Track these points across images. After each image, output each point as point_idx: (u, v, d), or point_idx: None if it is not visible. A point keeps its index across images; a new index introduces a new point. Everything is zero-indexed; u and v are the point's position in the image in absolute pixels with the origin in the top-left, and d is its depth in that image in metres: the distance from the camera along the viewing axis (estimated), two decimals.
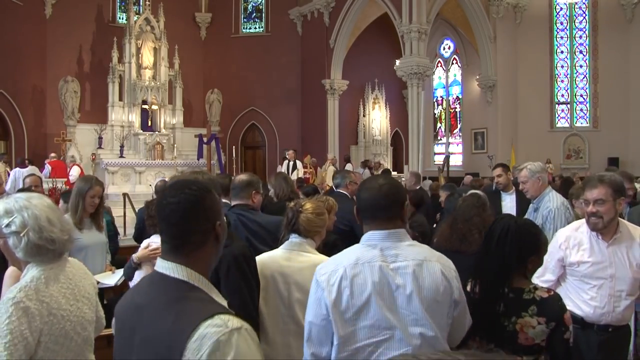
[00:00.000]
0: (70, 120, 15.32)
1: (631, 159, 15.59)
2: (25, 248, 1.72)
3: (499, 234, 2.02)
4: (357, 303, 1.70)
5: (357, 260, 1.74)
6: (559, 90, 17.50)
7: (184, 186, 1.37)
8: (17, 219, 1.72)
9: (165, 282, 1.32)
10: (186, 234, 1.34)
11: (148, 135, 15.03)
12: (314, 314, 1.75)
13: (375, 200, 1.80)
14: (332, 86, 16.85)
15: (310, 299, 1.79)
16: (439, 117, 19.76)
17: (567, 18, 17.37)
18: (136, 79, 15.00)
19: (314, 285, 1.78)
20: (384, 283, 1.71)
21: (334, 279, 1.73)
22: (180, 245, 1.34)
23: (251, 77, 17.62)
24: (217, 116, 17.88)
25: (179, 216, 1.33)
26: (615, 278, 2.58)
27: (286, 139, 17.26)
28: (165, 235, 1.36)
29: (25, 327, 1.60)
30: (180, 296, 1.28)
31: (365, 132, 17.61)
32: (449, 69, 19.33)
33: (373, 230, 1.79)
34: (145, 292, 1.35)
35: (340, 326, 1.69)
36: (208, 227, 1.36)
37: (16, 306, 1.60)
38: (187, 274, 1.32)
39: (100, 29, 16.05)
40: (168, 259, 1.34)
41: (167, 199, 1.35)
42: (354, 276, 1.71)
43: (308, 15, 17.42)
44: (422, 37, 13.95)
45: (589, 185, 2.63)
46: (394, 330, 1.69)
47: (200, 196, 1.36)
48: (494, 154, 16.26)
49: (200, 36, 18.11)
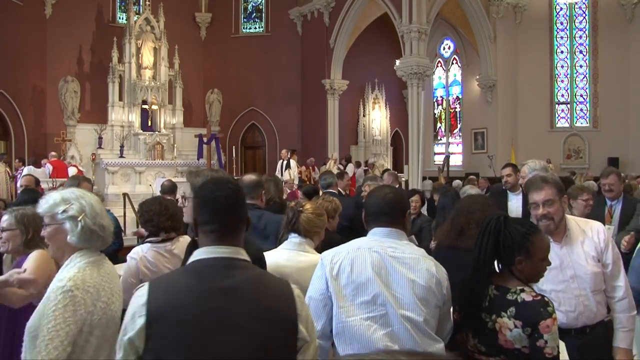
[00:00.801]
0: (70, 120, 15.31)
1: (631, 159, 15.59)
2: (80, 232, 1.87)
3: (484, 227, 2.00)
4: (357, 280, 1.90)
5: (359, 246, 1.98)
6: (559, 90, 17.50)
7: (226, 182, 1.57)
8: (74, 205, 1.89)
9: (237, 263, 1.48)
10: (237, 221, 1.54)
11: (148, 135, 15.03)
12: (314, 289, 1.97)
13: (379, 206, 2.03)
14: (332, 86, 16.85)
15: (312, 277, 2.01)
16: (439, 117, 19.76)
17: (567, 18, 17.37)
18: (136, 79, 14.99)
19: (318, 265, 2.01)
20: (382, 266, 1.91)
21: (337, 259, 1.96)
22: (232, 231, 1.51)
23: (251, 77, 17.62)
24: (217, 116, 17.88)
25: (231, 207, 1.52)
26: (577, 277, 2.51)
27: (286, 139, 17.25)
28: (217, 224, 1.49)
29: (70, 314, 1.71)
30: (260, 272, 1.56)
31: (365, 132, 17.61)
32: (449, 69, 19.33)
33: (379, 226, 2.02)
34: (223, 276, 1.43)
35: (339, 298, 1.90)
36: (246, 216, 1.57)
37: (65, 294, 1.72)
38: (245, 255, 1.52)
39: (100, 29, 16.04)
40: (223, 244, 1.48)
41: (216, 192, 1.51)
42: (355, 257, 1.94)
43: (308, 15, 17.42)
44: (422, 37, 13.95)
45: (534, 187, 2.55)
46: (388, 307, 1.87)
47: (239, 190, 1.58)
48: (494, 154, 16.26)
49: (200, 36, 18.11)
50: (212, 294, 1.39)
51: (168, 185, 5.72)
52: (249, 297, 1.42)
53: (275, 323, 1.43)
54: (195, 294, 1.39)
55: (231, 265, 1.46)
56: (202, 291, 1.39)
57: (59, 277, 1.82)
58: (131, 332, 1.35)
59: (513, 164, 5.46)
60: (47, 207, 1.90)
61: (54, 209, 1.89)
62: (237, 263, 1.48)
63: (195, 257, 1.47)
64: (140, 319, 1.35)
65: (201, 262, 1.45)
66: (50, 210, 1.89)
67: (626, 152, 15.92)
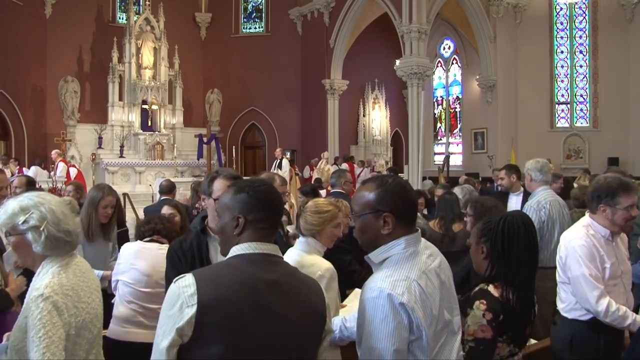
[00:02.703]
0: (70, 120, 15.32)
1: (631, 159, 15.58)
2: (45, 241, 1.80)
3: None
4: (435, 312, 1.62)
5: (419, 271, 1.64)
6: (559, 90, 17.49)
7: (267, 183, 1.69)
8: (34, 214, 1.80)
9: (277, 259, 1.59)
10: (280, 223, 1.69)
11: (148, 135, 15.05)
12: (399, 340, 1.55)
13: (415, 203, 1.78)
14: (332, 86, 16.85)
15: (383, 324, 1.56)
16: (439, 117, 19.75)
17: (567, 18, 17.35)
18: (136, 79, 15.01)
19: (389, 308, 1.56)
20: (440, 285, 1.68)
21: (415, 296, 1.58)
22: (275, 231, 1.64)
23: (251, 77, 17.62)
24: (217, 116, 17.89)
25: (281, 209, 1.65)
26: (624, 273, 2.64)
27: (286, 139, 17.26)
28: (271, 223, 1.60)
29: (57, 319, 1.68)
30: (293, 268, 1.66)
31: (365, 132, 17.61)
32: (449, 69, 19.32)
33: (407, 234, 1.69)
34: (265, 270, 1.52)
35: (431, 341, 1.60)
36: None
37: (45, 302, 1.69)
38: (280, 253, 1.63)
39: (100, 29, 16.05)
40: (268, 241, 1.58)
41: (273, 194, 1.63)
42: (425, 287, 1.61)
43: (308, 15, 17.42)
44: (422, 37, 13.94)
45: (632, 191, 2.61)
46: (450, 325, 1.71)
47: None
48: (494, 154, 16.26)
49: (200, 36, 18.11)
50: (257, 286, 1.47)
51: (166, 185, 5.72)
52: (290, 290, 1.53)
53: (311, 314, 1.56)
54: (242, 286, 1.45)
55: (272, 260, 1.56)
56: (248, 284, 1.46)
57: (34, 286, 1.76)
58: (180, 321, 1.39)
59: (511, 165, 5.46)
60: (5, 218, 1.81)
61: (14, 219, 1.80)
62: (278, 259, 1.59)
63: (238, 252, 1.55)
64: (189, 309, 1.39)
65: (246, 257, 1.53)
66: (9, 221, 1.80)
67: (626, 152, 15.90)
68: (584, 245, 2.60)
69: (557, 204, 3.95)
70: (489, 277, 2.10)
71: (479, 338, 1.96)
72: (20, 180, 4.60)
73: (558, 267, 2.77)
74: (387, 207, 1.66)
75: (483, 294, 2.04)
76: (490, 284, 2.07)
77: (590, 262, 2.57)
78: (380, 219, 1.66)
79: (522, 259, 2.07)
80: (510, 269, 2.06)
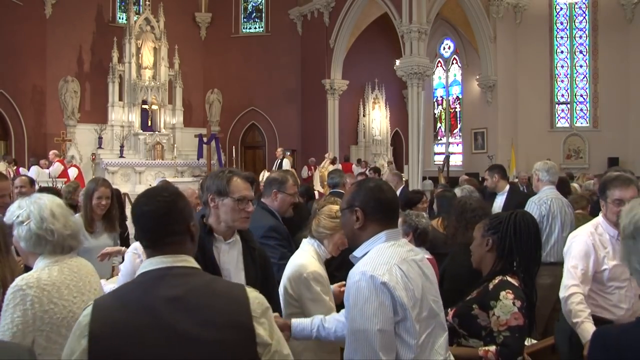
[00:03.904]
0: (70, 120, 15.32)
1: (631, 159, 15.56)
2: (26, 237, 1.87)
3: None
4: (419, 297, 1.68)
5: (400, 257, 1.71)
6: (559, 90, 17.49)
7: (157, 194, 1.52)
8: (24, 211, 1.89)
9: (179, 271, 1.42)
10: (172, 233, 1.47)
11: (148, 135, 15.05)
12: (382, 320, 1.59)
13: (396, 200, 1.85)
14: (332, 86, 16.85)
15: (366, 305, 1.61)
16: (439, 117, 19.75)
17: (567, 18, 17.35)
18: (136, 79, 15.01)
19: (372, 289, 1.61)
20: (422, 275, 1.75)
21: (396, 277, 1.64)
22: (169, 242, 1.45)
23: (251, 77, 17.61)
24: (217, 116, 17.89)
25: (159, 220, 1.47)
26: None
27: (286, 139, 17.25)
28: (149, 239, 1.47)
29: (19, 314, 1.71)
30: (210, 278, 1.48)
31: (365, 132, 17.61)
32: (449, 69, 19.32)
33: (387, 229, 1.78)
34: (166, 286, 1.37)
35: (415, 323, 1.64)
36: (185, 224, 1.50)
37: (15, 294, 1.73)
38: (192, 262, 1.46)
39: (100, 29, 16.04)
40: (163, 254, 1.43)
41: (143, 207, 1.48)
42: (408, 272, 1.68)
43: (308, 15, 17.41)
44: (422, 37, 13.94)
45: (624, 184, 2.60)
46: (437, 318, 1.75)
47: (172, 200, 1.49)
48: (494, 154, 16.25)
49: (200, 36, 18.11)
50: (155, 305, 1.33)
51: None
52: (197, 305, 1.36)
53: (229, 329, 1.36)
54: (137, 307, 1.33)
55: (173, 274, 1.40)
56: (145, 304, 1.33)
57: (18, 277, 1.82)
58: (76, 353, 1.31)
59: (494, 165, 5.61)
60: (8, 215, 1.94)
61: (11, 217, 1.92)
62: (180, 271, 1.41)
63: (142, 269, 1.43)
64: (84, 340, 1.30)
65: (143, 276, 1.41)
66: (9, 218, 1.93)
67: (626, 152, 15.90)
68: (581, 241, 2.65)
69: (559, 202, 4.10)
70: (500, 270, 2.15)
71: (513, 326, 2.00)
72: (23, 179, 4.62)
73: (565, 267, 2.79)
74: (358, 203, 1.78)
75: (506, 284, 2.09)
76: (505, 275, 2.13)
77: (581, 258, 2.60)
78: (353, 214, 1.78)
79: (532, 253, 2.15)
80: (522, 260, 2.14)
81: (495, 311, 2.03)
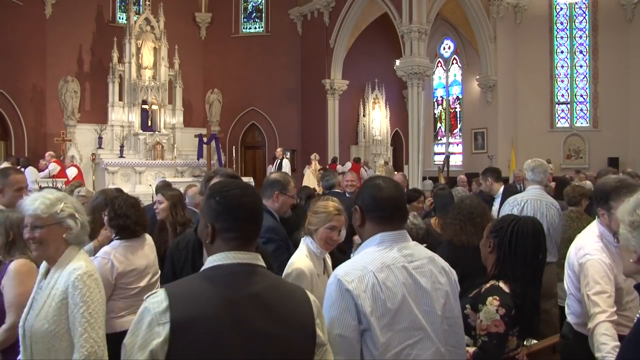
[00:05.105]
0: (70, 120, 15.31)
1: (631, 159, 15.57)
2: (79, 228, 1.99)
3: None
4: (393, 307, 1.62)
5: (382, 264, 1.66)
6: (559, 90, 17.50)
7: (249, 187, 1.52)
8: (68, 204, 1.99)
9: (258, 269, 1.43)
10: (259, 229, 1.51)
11: (148, 135, 15.04)
12: (343, 325, 1.59)
13: (397, 199, 1.78)
14: (332, 86, 16.85)
15: (332, 309, 1.61)
16: (439, 117, 19.76)
17: (567, 18, 17.36)
18: (136, 79, 15.00)
19: (338, 293, 1.61)
20: (411, 284, 1.68)
21: (365, 285, 1.61)
22: (253, 238, 1.48)
23: (251, 77, 17.61)
24: (217, 116, 17.88)
25: (257, 214, 1.49)
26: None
27: (286, 139, 17.25)
28: (242, 232, 1.44)
29: (98, 296, 1.93)
30: (277, 277, 1.55)
31: (365, 132, 17.61)
32: (449, 69, 19.32)
33: (385, 231, 1.74)
34: (247, 283, 1.38)
35: (381, 334, 1.59)
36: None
37: (89, 278, 1.92)
38: (262, 261, 1.47)
39: (100, 29, 16.04)
40: (245, 249, 1.43)
41: (243, 199, 1.45)
42: (384, 280, 1.63)
43: (308, 15, 17.41)
44: (422, 37, 13.94)
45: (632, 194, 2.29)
46: (425, 330, 1.67)
47: (259, 195, 1.55)
48: (494, 154, 16.25)
49: (200, 36, 18.10)
50: (237, 301, 1.34)
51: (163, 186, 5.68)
52: (273, 304, 1.39)
53: (298, 328, 1.41)
54: (220, 301, 1.32)
55: (253, 271, 1.41)
56: (227, 299, 1.33)
57: (72, 267, 1.92)
58: (152, 342, 1.24)
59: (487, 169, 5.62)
60: (43, 207, 1.93)
61: (52, 209, 1.93)
62: (258, 269, 1.43)
63: (214, 262, 1.40)
64: (161, 328, 1.25)
65: (223, 269, 1.38)
66: (47, 210, 1.93)
67: (626, 152, 15.91)
68: (596, 262, 2.38)
69: (537, 202, 4.03)
70: (497, 274, 2.18)
71: (492, 333, 2.04)
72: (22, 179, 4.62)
73: (567, 278, 2.59)
74: (359, 201, 1.81)
75: (495, 290, 2.12)
76: (499, 280, 2.15)
77: (604, 281, 2.34)
78: (356, 212, 1.80)
79: (527, 262, 2.14)
80: (515, 268, 2.13)
81: (480, 315, 2.08)
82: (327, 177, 5.69)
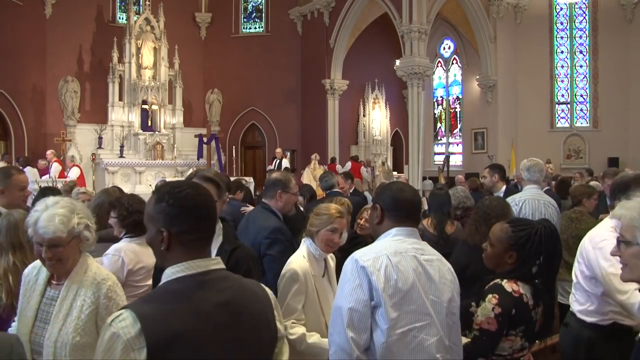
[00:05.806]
0: (70, 120, 15.31)
1: (631, 159, 15.58)
2: (94, 237, 1.98)
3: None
4: (404, 288, 1.76)
5: (395, 250, 1.82)
6: (559, 90, 17.50)
7: (197, 184, 1.50)
8: (81, 214, 1.93)
9: (222, 274, 1.38)
10: (214, 227, 1.46)
11: (148, 135, 15.04)
12: (355, 299, 1.74)
13: (416, 201, 1.99)
14: (332, 86, 16.85)
15: (346, 285, 1.78)
16: (439, 117, 19.76)
17: (567, 18, 17.37)
18: (136, 79, 15.00)
19: (354, 270, 1.77)
20: (421, 271, 1.82)
21: (379, 264, 1.77)
22: (208, 241, 1.41)
23: (251, 77, 17.60)
24: (217, 116, 17.88)
25: (213, 210, 1.43)
26: None
27: (286, 139, 17.25)
28: (203, 232, 1.38)
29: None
30: (238, 277, 1.45)
31: (365, 132, 17.61)
32: (449, 69, 19.33)
33: (400, 227, 1.91)
34: (215, 291, 1.33)
35: (390, 310, 1.73)
36: None
37: (118, 287, 1.99)
38: (222, 262, 1.42)
39: (100, 29, 16.03)
40: (204, 255, 1.37)
41: (197, 197, 1.38)
42: (397, 263, 1.78)
43: (308, 15, 17.41)
44: (422, 37, 13.94)
45: None
46: (432, 317, 1.80)
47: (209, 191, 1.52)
48: (494, 154, 16.25)
49: (200, 36, 18.10)
50: (209, 314, 1.28)
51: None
52: (242, 310, 1.35)
53: (265, 328, 1.40)
54: (193, 317, 1.25)
55: (218, 278, 1.35)
56: (199, 313, 1.27)
57: (100, 277, 1.94)
58: None
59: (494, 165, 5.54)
60: (62, 227, 1.83)
61: (69, 225, 1.86)
62: (221, 274, 1.37)
63: (178, 274, 1.31)
64: (137, 353, 1.17)
65: (188, 280, 1.30)
66: (66, 229, 1.84)
67: (626, 152, 15.92)
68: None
69: (535, 202, 4.04)
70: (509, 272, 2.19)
71: (484, 329, 2.08)
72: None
73: (576, 269, 2.63)
74: (380, 201, 1.98)
75: (496, 289, 2.14)
76: (504, 279, 2.17)
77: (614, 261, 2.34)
78: (375, 210, 1.98)
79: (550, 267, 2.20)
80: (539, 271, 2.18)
81: (479, 310, 2.14)
82: (325, 177, 5.67)
